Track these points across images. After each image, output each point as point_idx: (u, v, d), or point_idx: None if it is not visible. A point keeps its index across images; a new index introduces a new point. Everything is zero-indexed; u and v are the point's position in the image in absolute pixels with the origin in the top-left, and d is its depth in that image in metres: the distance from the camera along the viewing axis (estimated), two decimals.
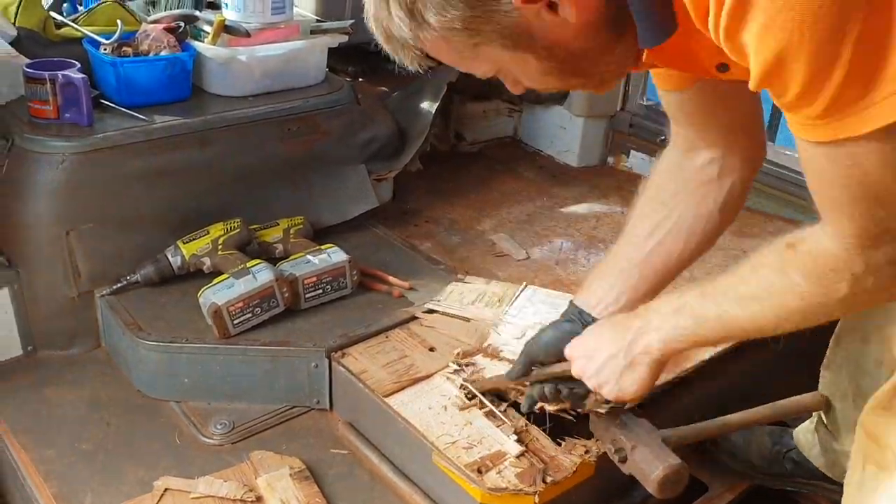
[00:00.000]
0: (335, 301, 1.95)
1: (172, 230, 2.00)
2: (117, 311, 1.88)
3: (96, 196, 1.90)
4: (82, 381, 1.88)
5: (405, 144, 2.45)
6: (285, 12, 2.24)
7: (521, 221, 2.48)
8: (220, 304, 1.78)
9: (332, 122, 2.27)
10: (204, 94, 2.19)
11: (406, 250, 2.24)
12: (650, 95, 2.81)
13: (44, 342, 1.95)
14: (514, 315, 1.91)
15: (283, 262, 1.96)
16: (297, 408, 1.82)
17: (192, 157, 2.03)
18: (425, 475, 1.57)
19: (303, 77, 2.29)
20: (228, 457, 1.67)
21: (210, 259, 1.96)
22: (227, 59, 2.15)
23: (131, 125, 1.96)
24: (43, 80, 1.88)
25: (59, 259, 1.89)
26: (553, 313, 1.91)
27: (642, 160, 2.85)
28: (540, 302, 1.98)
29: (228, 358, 1.80)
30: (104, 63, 2.02)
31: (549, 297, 2.00)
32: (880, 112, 0.80)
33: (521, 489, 1.42)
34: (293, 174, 2.22)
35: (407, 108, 2.54)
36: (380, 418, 1.65)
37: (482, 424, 1.56)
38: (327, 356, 1.76)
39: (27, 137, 1.87)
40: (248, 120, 2.12)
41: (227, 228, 1.99)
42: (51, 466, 1.63)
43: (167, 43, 2.08)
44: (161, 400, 1.82)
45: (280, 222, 2.12)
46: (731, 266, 1.13)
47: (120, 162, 1.92)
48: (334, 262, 1.95)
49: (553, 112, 2.96)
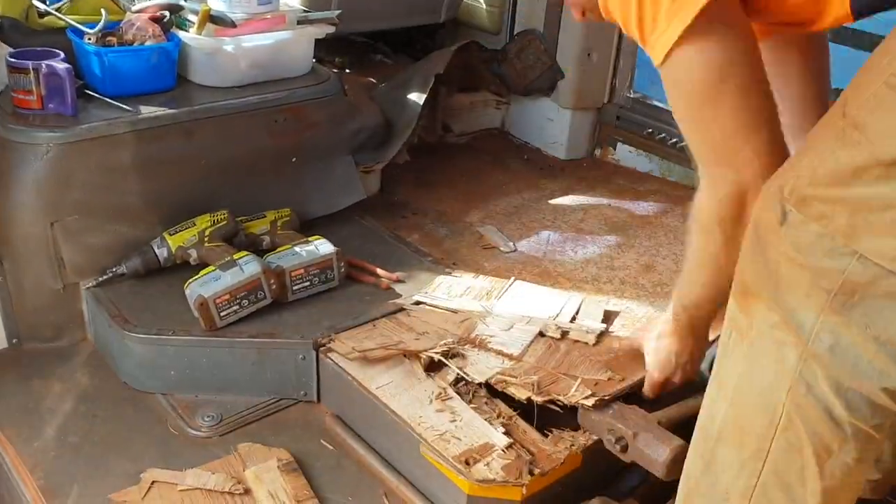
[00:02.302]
0: (322, 293, 1.95)
1: (159, 222, 1.98)
2: (103, 304, 1.87)
3: (81, 187, 1.89)
4: (68, 373, 1.87)
5: (392, 136, 2.45)
6: (272, 2, 2.22)
7: (508, 213, 2.49)
8: (206, 296, 1.77)
9: (319, 113, 2.26)
10: (189, 85, 2.17)
11: (393, 242, 2.24)
12: (637, 88, 2.82)
13: (29, 335, 1.94)
14: (502, 308, 1.92)
15: (270, 253, 1.95)
16: (284, 400, 1.82)
17: (177, 147, 2.01)
18: (413, 467, 1.57)
19: (289, 68, 2.28)
20: (216, 449, 1.67)
21: (197, 251, 1.95)
22: (213, 50, 2.13)
23: (116, 116, 1.94)
24: (26, 69, 1.86)
25: (43, 251, 1.88)
26: (540, 306, 1.93)
27: (629, 152, 2.86)
28: (528, 294, 1.99)
29: (215, 350, 1.79)
30: (88, 53, 2.00)
31: (536, 291, 2.01)
32: (655, 50, 1.10)
33: (508, 481, 1.43)
34: (280, 165, 2.21)
35: (394, 100, 2.54)
36: (367, 410, 1.65)
37: (470, 416, 1.57)
38: (315, 348, 1.76)
39: (10, 128, 1.85)
40: (234, 111, 2.11)
41: (213, 220, 1.98)
42: (37, 459, 1.62)
43: (152, 32, 2.06)
44: (148, 392, 1.82)
45: (267, 214, 2.11)
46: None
47: (105, 153, 1.91)
48: (322, 253, 1.94)
49: (541, 104, 2.96)
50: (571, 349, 1.75)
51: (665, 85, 1.15)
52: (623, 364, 1.69)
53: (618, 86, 2.87)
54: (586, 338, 1.79)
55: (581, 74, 2.82)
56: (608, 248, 2.29)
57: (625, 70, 2.82)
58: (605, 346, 1.77)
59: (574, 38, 2.76)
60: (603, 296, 2.02)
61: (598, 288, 2.07)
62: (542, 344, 1.77)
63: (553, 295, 1.99)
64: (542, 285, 2.05)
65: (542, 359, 1.71)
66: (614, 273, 2.14)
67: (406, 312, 1.89)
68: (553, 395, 1.57)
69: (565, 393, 1.58)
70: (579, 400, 1.54)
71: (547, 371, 1.66)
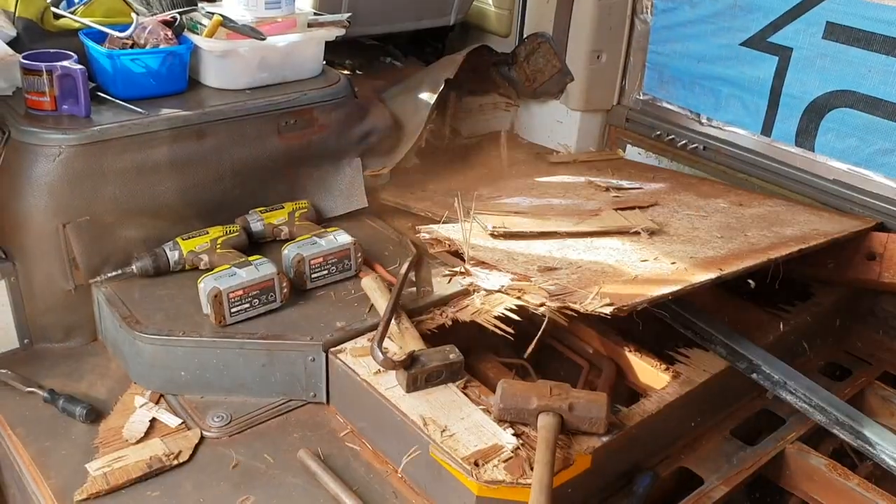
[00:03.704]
0: (334, 292, 1.96)
1: (170, 224, 2.00)
2: (114, 305, 1.88)
3: (93, 189, 1.90)
4: (79, 374, 1.88)
5: (401, 139, 2.45)
6: (281, 7, 2.23)
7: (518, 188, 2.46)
8: (221, 288, 1.79)
9: (329, 116, 2.27)
10: (201, 87, 2.19)
11: (400, 242, 2.23)
12: (646, 90, 2.81)
13: (40, 335, 1.95)
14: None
15: (290, 243, 1.98)
16: (293, 401, 1.82)
17: (189, 149, 2.02)
18: (423, 468, 1.57)
19: (300, 70, 2.29)
20: (225, 449, 1.68)
21: (208, 256, 1.97)
22: (224, 52, 2.14)
23: (128, 118, 1.95)
24: (40, 71, 1.88)
25: (55, 252, 1.89)
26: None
27: (638, 154, 2.85)
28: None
29: (225, 351, 1.80)
30: (101, 55, 2.02)
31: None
32: None
33: (517, 482, 1.43)
34: (289, 167, 2.22)
35: (404, 103, 2.54)
36: (376, 412, 1.65)
37: (479, 418, 1.57)
38: (324, 350, 1.77)
39: (23, 130, 1.87)
40: (245, 113, 2.12)
41: (226, 231, 2.02)
42: (48, 458, 1.63)
43: (164, 36, 2.08)
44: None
45: (285, 205, 2.16)
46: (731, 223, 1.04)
47: (117, 155, 1.92)
48: (340, 243, 1.98)
49: (550, 106, 2.96)
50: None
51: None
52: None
53: (627, 88, 2.87)
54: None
55: (590, 77, 2.82)
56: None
57: (634, 72, 2.82)
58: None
59: (583, 40, 2.76)
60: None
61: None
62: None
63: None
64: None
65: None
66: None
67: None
68: (568, 303, 1.55)
69: (581, 301, 1.54)
70: (596, 308, 1.51)
71: (561, 285, 1.63)
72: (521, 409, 1.55)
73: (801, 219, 2.18)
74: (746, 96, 2.51)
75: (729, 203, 2.30)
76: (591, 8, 2.70)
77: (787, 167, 2.43)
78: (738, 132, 2.57)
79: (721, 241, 1.96)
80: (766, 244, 1.95)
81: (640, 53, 2.77)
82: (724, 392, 1.91)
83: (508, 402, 1.55)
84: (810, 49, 2.30)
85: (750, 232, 2.03)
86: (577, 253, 1.83)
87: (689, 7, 2.60)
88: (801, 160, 2.40)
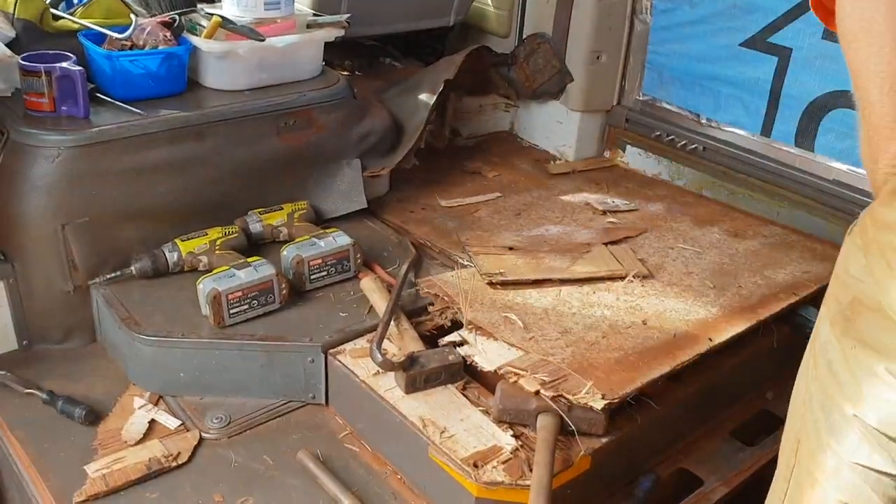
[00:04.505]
0: (333, 293, 1.96)
1: (169, 225, 2.00)
2: (113, 306, 1.88)
3: (92, 190, 1.90)
4: (78, 375, 1.88)
5: (401, 140, 2.45)
6: (280, 8, 2.23)
7: (516, 209, 2.47)
8: (220, 289, 1.79)
9: (329, 117, 2.26)
10: (200, 88, 2.19)
11: (400, 243, 2.23)
12: (646, 90, 2.81)
13: (40, 336, 1.95)
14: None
15: (289, 244, 1.98)
16: (292, 402, 1.82)
17: (188, 150, 2.02)
18: (422, 469, 1.57)
19: (299, 71, 2.29)
20: (224, 450, 1.68)
21: (207, 257, 1.97)
22: (223, 53, 2.14)
23: (127, 119, 1.95)
24: (38, 72, 1.87)
25: (54, 253, 1.89)
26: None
27: (638, 155, 2.85)
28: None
29: (224, 352, 1.80)
30: (100, 56, 2.02)
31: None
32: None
33: (516, 483, 1.43)
34: (288, 168, 2.22)
35: (403, 103, 2.54)
36: (376, 413, 1.65)
37: (478, 419, 1.57)
38: (324, 352, 1.77)
39: (22, 131, 1.87)
40: (244, 114, 2.12)
41: (225, 232, 2.02)
42: (47, 460, 1.63)
43: (163, 37, 2.08)
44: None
45: (284, 206, 2.15)
46: (725, 264, 1.08)
47: (116, 156, 1.92)
48: (339, 245, 1.98)
49: (549, 107, 2.96)
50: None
51: None
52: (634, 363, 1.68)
53: (627, 88, 2.87)
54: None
55: (590, 77, 2.82)
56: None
57: (634, 72, 2.82)
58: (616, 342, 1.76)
59: (583, 41, 2.76)
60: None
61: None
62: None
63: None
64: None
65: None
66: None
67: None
68: (562, 392, 1.56)
69: (575, 392, 1.56)
70: (588, 402, 1.54)
71: (556, 365, 1.65)
72: (520, 409, 1.55)
73: (794, 256, 2.19)
74: (746, 97, 2.51)
75: (724, 234, 2.31)
76: (590, 8, 2.70)
77: (786, 167, 2.42)
78: (737, 132, 2.57)
79: (713, 294, 1.97)
80: (758, 297, 1.97)
81: (640, 54, 2.77)
82: (724, 392, 1.91)
83: (507, 402, 1.55)
84: (810, 49, 2.30)
85: (742, 279, 2.05)
86: (573, 313, 1.86)
87: (688, 7, 2.60)
88: (800, 160, 2.40)
